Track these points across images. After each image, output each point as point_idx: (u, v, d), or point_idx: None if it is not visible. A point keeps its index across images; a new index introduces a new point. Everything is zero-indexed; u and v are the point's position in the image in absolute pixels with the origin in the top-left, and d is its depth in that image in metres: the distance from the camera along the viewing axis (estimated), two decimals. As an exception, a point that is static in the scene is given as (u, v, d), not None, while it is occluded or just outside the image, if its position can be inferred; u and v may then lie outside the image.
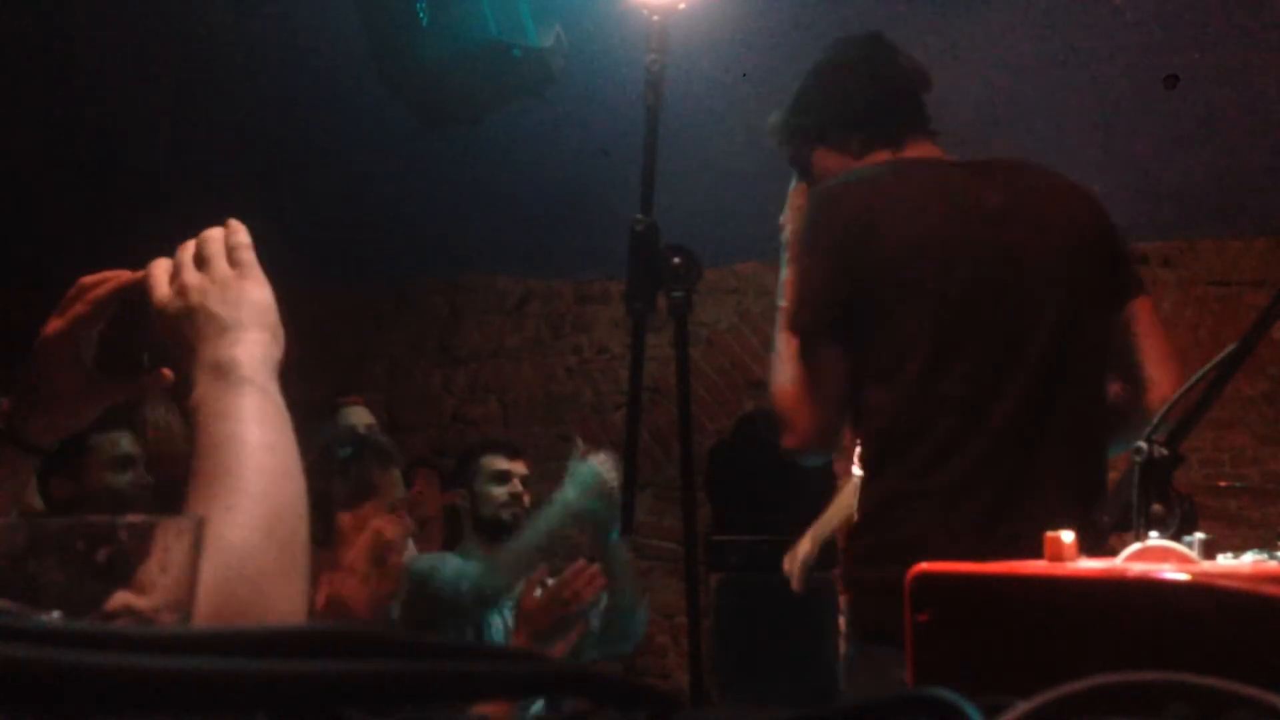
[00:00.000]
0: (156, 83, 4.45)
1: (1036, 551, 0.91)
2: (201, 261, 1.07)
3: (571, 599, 2.79)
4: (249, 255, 1.08)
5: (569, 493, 2.96)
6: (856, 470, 3.15)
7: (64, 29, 4.19)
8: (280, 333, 1.06)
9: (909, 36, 4.24)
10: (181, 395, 1.02)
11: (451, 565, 3.01)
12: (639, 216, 2.05)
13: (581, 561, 2.89)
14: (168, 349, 1.06)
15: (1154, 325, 2.02)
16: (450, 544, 3.54)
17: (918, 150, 2.08)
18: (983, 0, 4.06)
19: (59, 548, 0.55)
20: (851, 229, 1.92)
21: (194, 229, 1.09)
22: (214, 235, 1.09)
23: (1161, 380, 1.94)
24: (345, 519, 2.19)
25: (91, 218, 4.98)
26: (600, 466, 2.96)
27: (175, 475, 2.51)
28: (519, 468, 3.38)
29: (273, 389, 1.01)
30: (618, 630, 3.10)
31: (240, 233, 1.09)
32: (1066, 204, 2.02)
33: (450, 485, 3.46)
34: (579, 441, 3.12)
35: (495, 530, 3.24)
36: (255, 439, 0.95)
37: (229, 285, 1.04)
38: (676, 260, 2.10)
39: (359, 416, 3.30)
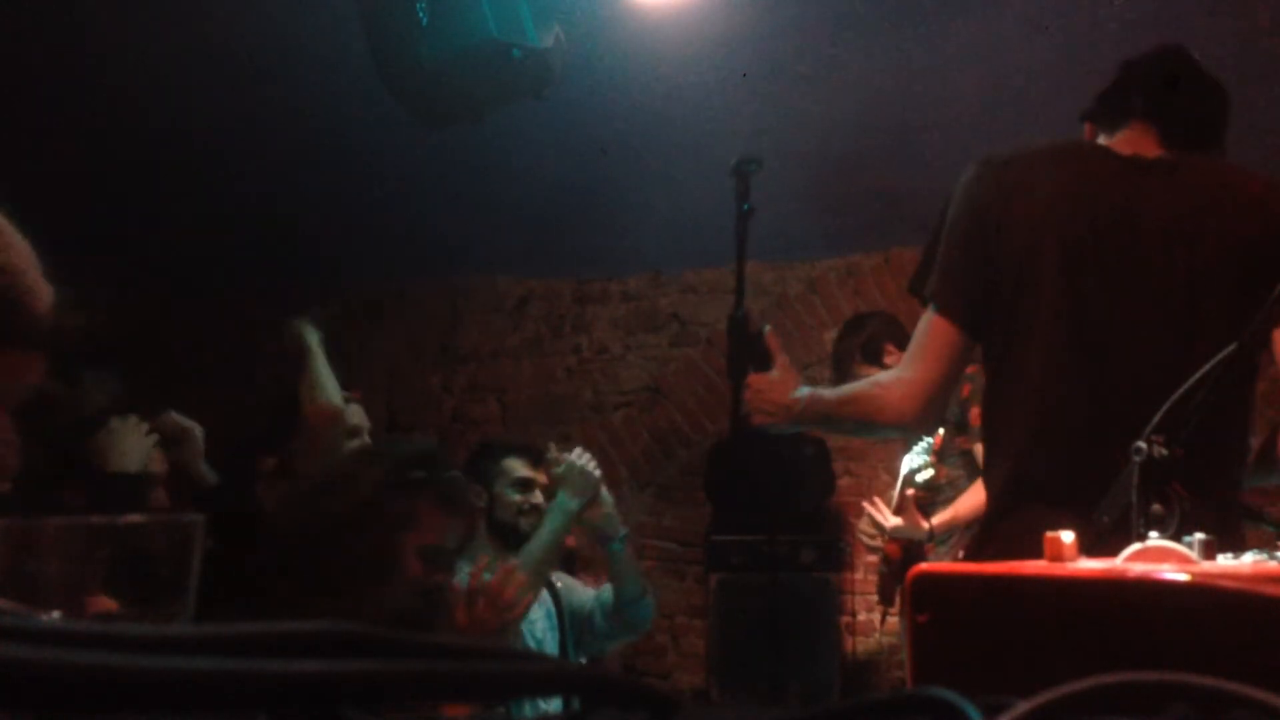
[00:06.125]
0: (154, 82, 4.44)
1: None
2: None
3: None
4: None
5: (566, 499, 3.09)
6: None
7: (63, 29, 4.19)
8: None
9: (909, 37, 4.26)
10: None
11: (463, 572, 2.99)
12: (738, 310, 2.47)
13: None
14: None
15: None
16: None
17: (1128, 141, 2.10)
18: (983, 1, 4.06)
19: (59, 547, 0.55)
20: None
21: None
22: None
23: None
24: (380, 538, 2.03)
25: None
26: (585, 463, 3.15)
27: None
28: (541, 477, 3.36)
29: None
30: (625, 620, 3.33)
31: None
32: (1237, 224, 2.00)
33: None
34: (552, 447, 3.25)
35: (510, 536, 3.23)
36: None
37: None
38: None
39: (354, 416, 3.22)
